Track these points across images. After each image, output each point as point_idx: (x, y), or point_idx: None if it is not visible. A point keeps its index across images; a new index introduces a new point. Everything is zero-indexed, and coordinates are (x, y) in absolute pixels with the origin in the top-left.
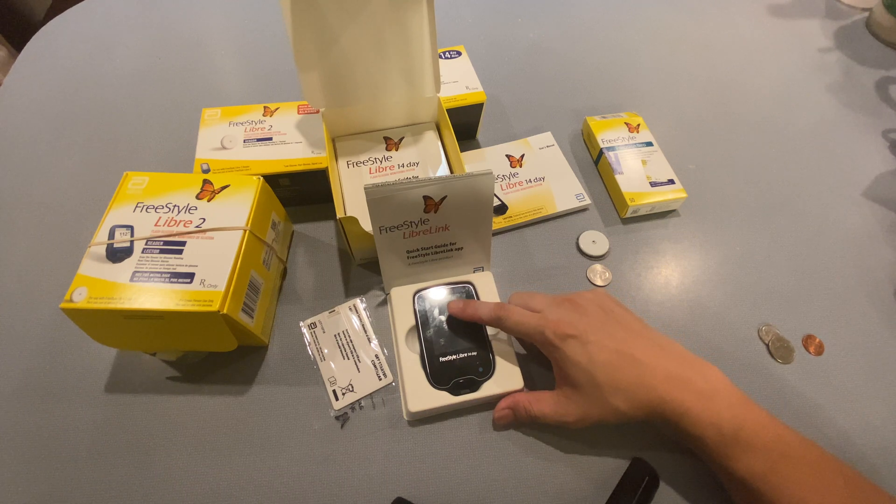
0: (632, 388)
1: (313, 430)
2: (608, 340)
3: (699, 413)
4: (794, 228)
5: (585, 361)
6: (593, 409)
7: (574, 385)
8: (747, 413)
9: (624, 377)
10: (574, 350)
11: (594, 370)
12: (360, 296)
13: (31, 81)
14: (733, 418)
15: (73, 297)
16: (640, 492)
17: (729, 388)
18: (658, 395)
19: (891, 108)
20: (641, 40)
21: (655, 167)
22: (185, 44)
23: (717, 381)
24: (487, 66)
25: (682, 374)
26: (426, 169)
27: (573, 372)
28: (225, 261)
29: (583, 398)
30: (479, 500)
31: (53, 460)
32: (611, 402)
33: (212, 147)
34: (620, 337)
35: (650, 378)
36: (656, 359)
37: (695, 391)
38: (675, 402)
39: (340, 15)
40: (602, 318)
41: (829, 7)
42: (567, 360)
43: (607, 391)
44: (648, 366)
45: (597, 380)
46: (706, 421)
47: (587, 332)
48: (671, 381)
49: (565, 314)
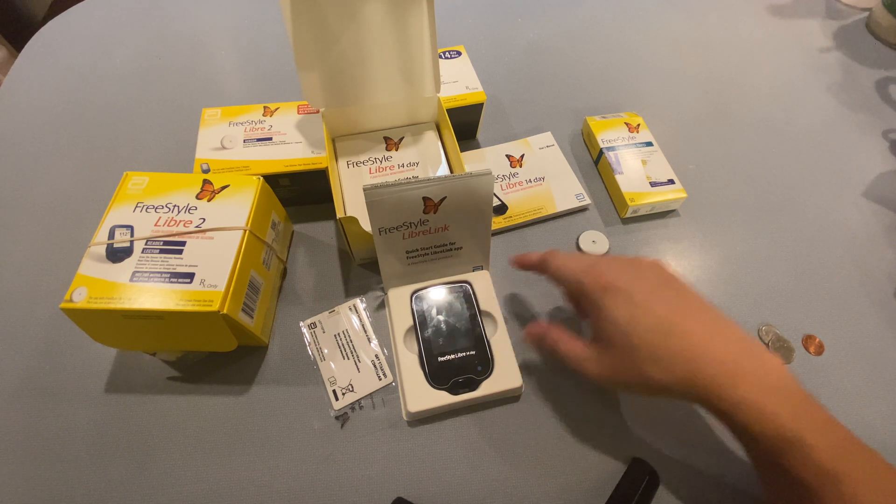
0: (674, 361)
1: (313, 430)
2: (658, 306)
3: (756, 406)
4: (794, 228)
5: (624, 320)
6: (621, 373)
7: (607, 343)
8: (812, 412)
9: (667, 347)
10: (614, 304)
11: (631, 332)
12: (360, 296)
13: (31, 81)
14: (796, 417)
15: (73, 297)
16: (640, 492)
17: (791, 384)
18: (706, 376)
19: (891, 108)
20: (641, 40)
21: (655, 167)
22: (185, 44)
23: (778, 373)
24: (487, 66)
25: (739, 361)
26: (426, 169)
27: (608, 329)
28: (225, 261)
29: (613, 358)
30: (479, 500)
31: (53, 460)
32: (644, 369)
33: (212, 147)
34: (673, 306)
35: (700, 356)
36: (711, 338)
37: (753, 381)
38: (727, 389)
39: (340, 15)
40: (658, 283)
41: (829, 7)
42: (603, 315)
43: (642, 358)
44: (700, 343)
45: (632, 342)
46: (765, 415)
47: (636, 291)
48: (726, 364)
49: (616, 267)
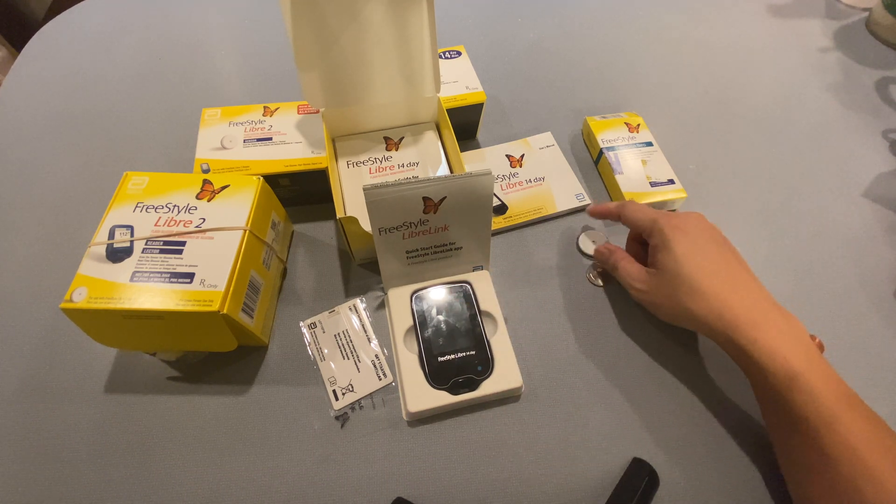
0: (711, 298)
1: (313, 430)
2: (714, 254)
3: (770, 344)
4: (794, 228)
5: (682, 254)
6: (664, 299)
7: (661, 269)
8: (819, 363)
9: (709, 285)
10: (677, 240)
11: (683, 263)
12: (360, 296)
13: (31, 81)
14: (805, 361)
15: (73, 297)
16: (640, 492)
17: (806, 339)
18: (734, 314)
19: (891, 108)
20: (641, 40)
21: (655, 167)
22: (185, 44)
23: (796, 327)
24: (487, 66)
25: (765, 308)
26: (426, 169)
27: (666, 258)
28: (225, 261)
29: (660, 283)
30: (479, 500)
31: (53, 460)
32: (684, 300)
33: (212, 147)
34: (727, 258)
35: (731, 298)
36: (747, 290)
37: (772, 326)
38: (748, 328)
39: (340, 15)
40: (719, 239)
41: (829, 7)
42: (667, 246)
43: (686, 288)
44: (736, 289)
45: (681, 272)
46: (776, 353)
47: (698, 236)
48: (753, 310)
49: (685, 216)
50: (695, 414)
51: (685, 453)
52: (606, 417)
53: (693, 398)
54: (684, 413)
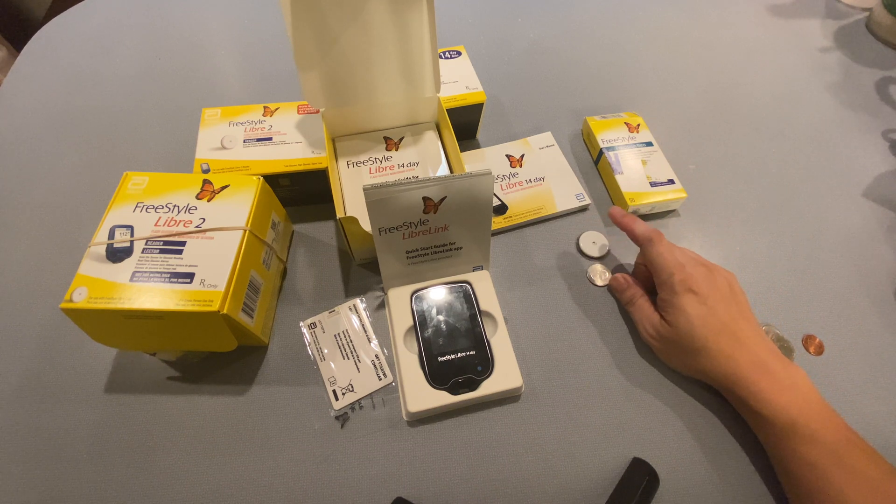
0: (718, 356)
1: (313, 430)
2: (723, 313)
3: (770, 396)
4: (794, 228)
5: (694, 315)
6: (675, 355)
7: (674, 326)
8: (822, 411)
9: (716, 342)
10: (689, 303)
11: (697, 327)
12: (360, 296)
13: (31, 81)
14: (807, 411)
15: (73, 297)
16: (640, 492)
17: (809, 389)
18: (739, 370)
19: (891, 108)
20: (641, 40)
21: (655, 167)
22: (185, 44)
23: (799, 379)
24: (487, 66)
25: (767, 362)
26: (426, 169)
27: (679, 318)
28: (225, 261)
29: (673, 339)
30: (479, 500)
31: (53, 460)
32: (697, 359)
33: (212, 147)
34: (733, 315)
35: (740, 356)
36: (752, 344)
37: (773, 378)
38: (751, 381)
39: (340, 15)
40: (727, 294)
41: (829, 7)
42: (677, 307)
43: (698, 350)
44: (744, 346)
45: (694, 335)
46: (775, 402)
47: (710, 297)
48: (756, 365)
49: (702, 273)
50: (695, 414)
51: (685, 453)
52: (606, 417)
53: (693, 398)
54: (684, 413)
